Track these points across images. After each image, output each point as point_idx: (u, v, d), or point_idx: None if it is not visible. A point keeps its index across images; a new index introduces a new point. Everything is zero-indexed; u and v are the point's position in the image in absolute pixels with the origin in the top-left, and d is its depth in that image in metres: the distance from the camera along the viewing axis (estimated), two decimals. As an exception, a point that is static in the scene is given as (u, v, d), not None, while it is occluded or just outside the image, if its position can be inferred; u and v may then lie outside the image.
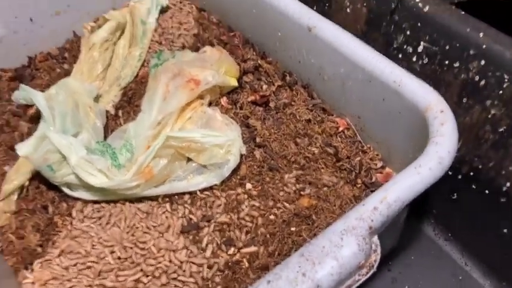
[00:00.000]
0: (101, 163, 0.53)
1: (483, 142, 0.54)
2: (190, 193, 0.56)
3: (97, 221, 0.56)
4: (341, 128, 0.60)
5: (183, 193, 0.56)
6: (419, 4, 0.55)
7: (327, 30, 0.56)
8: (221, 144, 0.55)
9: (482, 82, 0.51)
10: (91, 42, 0.71)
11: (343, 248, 0.38)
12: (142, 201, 0.56)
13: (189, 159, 0.57)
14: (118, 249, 0.52)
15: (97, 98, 0.67)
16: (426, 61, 0.56)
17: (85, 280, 0.51)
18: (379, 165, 0.57)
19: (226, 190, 0.56)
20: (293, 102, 0.63)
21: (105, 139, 0.62)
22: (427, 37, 0.55)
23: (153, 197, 0.56)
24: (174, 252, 0.51)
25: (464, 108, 0.54)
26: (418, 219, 0.68)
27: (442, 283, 0.63)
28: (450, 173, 0.58)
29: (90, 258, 0.52)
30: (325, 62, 0.58)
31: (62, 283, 0.51)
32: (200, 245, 0.52)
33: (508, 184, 0.53)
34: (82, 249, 0.53)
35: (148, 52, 0.73)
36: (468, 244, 0.64)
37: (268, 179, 0.57)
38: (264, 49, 0.69)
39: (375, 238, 0.40)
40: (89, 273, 0.51)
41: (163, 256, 0.51)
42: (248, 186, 0.56)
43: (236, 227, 0.53)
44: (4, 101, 0.70)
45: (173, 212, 0.55)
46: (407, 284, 0.63)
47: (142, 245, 0.52)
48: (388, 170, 0.57)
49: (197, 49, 0.71)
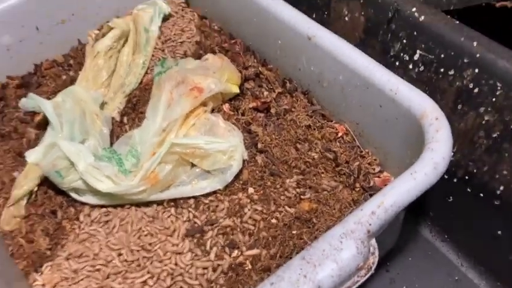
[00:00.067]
0: (108, 169, 0.55)
1: (477, 147, 0.55)
2: (195, 197, 0.57)
3: (104, 225, 0.57)
4: (340, 134, 0.61)
5: (188, 198, 0.57)
6: (415, 14, 0.56)
7: (326, 39, 0.57)
8: (224, 150, 0.56)
9: (476, 89, 0.53)
10: (96, 50, 0.72)
11: (342, 251, 0.40)
12: (148, 205, 0.58)
13: (193, 164, 0.58)
14: (125, 252, 0.54)
15: (102, 105, 0.68)
16: (422, 69, 0.58)
17: (94, 282, 0.52)
18: (377, 169, 0.58)
19: (229, 195, 0.58)
20: (293, 108, 0.64)
21: (111, 145, 0.63)
22: (423, 45, 0.57)
23: (158, 202, 0.58)
24: (179, 255, 0.53)
25: (459, 114, 0.55)
26: (415, 221, 0.70)
27: (439, 283, 0.64)
28: (446, 177, 0.60)
29: (98, 261, 0.54)
30: (324, 70, 0.59)
31: (71, 285, 0.53)
32: (204, 248, 0.54)
33: (502, 187, 0.55)
34: (90, 252, 0.55)
35: (152, 59, 0.74)
36: (464, 245, 0.66)
37: (269, 184, 0.58)
38: (265, 56, 0.71)
39: (373, 241, 0.42)
40: (97, 275, 0.53)
41: (169, 259, 0.53)
42: (250, 190, 0.58)
43: (239, 231, 0.55)
44: (11, 108, 0.72)
45: (178, 216, 0.57)
46: (405, 285, 0.64)
47: (149, 248, 0.54)
48: (386, 175, 0.58)
49: (199, 56, 0.73)
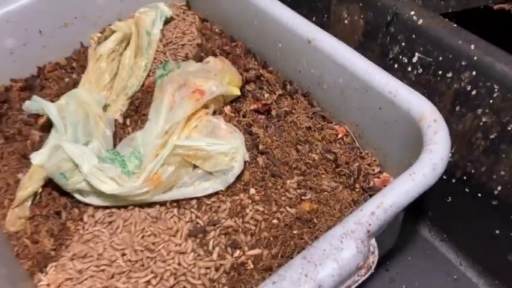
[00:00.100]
0: (112, 171, 0.56)
1: (475, 148, 0.56)
2: (197, 198, 0.58)
3: (108, 226, 0.58)
4: (340, 135, 0.62)
5: (190, 198, 0.58)
6: (414, 17, 0.57)
7: (326, 42, 0.58)
8: (226, 151, 0.57)
9: (473, 92, 0.53)
10: (98, 53, 0.73)
11: (343, 251, 0.40)
12: (151, 206, 0.59)
13: (195, 166, 0.59)
14: (129, 252, 0.55)
15: (105, 107, 0.69)
16: (420, 71, 0.59)
17: (98, 282, 0.53)
18: (376, 170, 0.59)
19: (231, 195, 0.58)
20: (294, 110, 0.65)
21: (114, 147, 0.64)
22: (421, 48, 0.57)
23: (161, 203, 0.59)
24: (182, 255, 0.54)
25: (457, 116, 0.56)
26: (415, 221, 0.71)
27: (438, 282, 0.65)
28: (444, 177, 0.60)
29: (102, 261, 0.55)
30: (324, 72, 0.60)
31: (76, 285, 0.53)
32: (207, 248, 0.54)
33: (499, 188, 0.56)
34: (94, 252, 0.55)
35: (153, 62, 0.75)
36: (462, 245, 0.67)
37: (270, 185, 0.59)
38: (265, 59, 0.72)
39: (373, 241, 0.43)
40: (102, 275, 0.53)
41: (172, 258, 0.54)
42: (252, 191, 0.58)
43: (241, 231, 0.55)
44: (15, 111, 0.73)
45: (180, 217, 0.57)
46: (404, 284, 0.65)
47: (152, 248, 0.55)
48: (385, 175, 0.59)
49: (200, 59, 0.73)
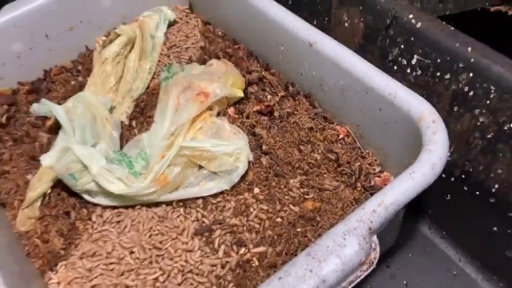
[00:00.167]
0: (119, 172, 0.57)
1: (473, 147, 0.58)
2: (203, 198, 0.60)
3: (116, 225, 0.59)
4: (341, 136, 0.63)
5: (196, 198, 0.60)
6: (412, 20, 0.59)
7: (327, 45, 0.59)
8: (230, 152, 0.59)
9: (471, 93, 0.55)
10: (104, 56, 0.75)
11: (346, 247, 0.42)
12: (158, 206, 0.60)
13: (201, 166, 0.60)
14: (137, 250, 0.56)
15: (111, 110, 0.71)
16: (419, 73, 0.60)
17: (108, 280, 0.55)
18: (377, 169, 0.61)
19: (235, 195, 0.60)
20: (296, 111, 0.67)
21: (121, 148, 0.66)
22: (420, 51, 0.59)
23: (168, 202, 0.60)
24: (189, 252, 0.55)
25: (455, 116, 0.58)
26: (415, 218, 0.72)
27: (438, 278, 0.67)
28: (443, 176, 0.62)
29: (111, 259, 0.56)
30: (325, 75, 0.62)
31: (86, 283, 0.55)
32: (213, 246, 0.56)
33: (497, 186, 0.57)
34: (103, 251, 0.57)
35: (158, 65, 0.76)
36: (461, 241, 0.68)
37: (274, 184, 0.61)
38: (268, 61, 0.73)
39: (374, 237, 0.45)
40: (111, 273, 0.55)
41: (180, 256, 0.55)
42: (256, 190, 0.60)
43: (246, 229, 0.57)
44: (23, 113, 0.74)
45: (187, 216, 0.59)
46: (405, 280, 0.67)
47: (160, 246, 0.56)
48: (386, 174, 0.60)
49: (204, 61, 0.75)
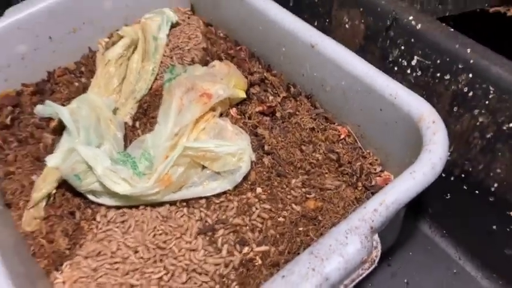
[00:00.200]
0: (124, 172, 0.58)
1: (472, 147, 0.58)
2: (206, 198, 0.60)
3: (120, 225, 0.60)
4: (343, 136, 0.64)
5: (199, 198, 0.61)
6: (412, 22, 0.60)
7: (328, 47, 0.60)
8: (233, 152, 0.60)
9: (470, 93, 0.56)
10: (107, 58, 0.75)
11: (348, 246, 0.43)
12: (161, 206, 0.61)
13: (204, 166, 0.61)
14: (142, 249, 0.57)
15: (115, 111, 0.71)
16: (419, 73, 0.61)
17: (113, 279, 0.55)
18: (378, 169, 0.62)
19: (238, 195, 0.61)
20: (298, 112, 0.67)
21: (125, 149, 0.67)
22: (420, 52, 0.60)
23: (171, 202, 0.61)
24: (193, 252, 0.56)
25: (454, 116, 0.59)
26: (415, 217, 0.73)
27: (438, 276, 0.67)
28: (443, 175, 0.63)
29: (116, 259, 0.57)
30: (327, 76, 0.62)
31: (91, 282, 0.56)
32: (216, 245, 0.57)
33: (496, 185, 0.58)
34: (108, 250, 0.58)
35: (160, 66, 0.77)
36: (461, 240, 0.69)
37: (276, 184, 0.61)
38: (269, 62, 0.74)
39: (376, 236, 0.45)
40: (116, 272, 0.56)
41: (183, 255, 0.56)
42: (258, 190, 0.61)
43: (248, 228, 0.58)
44: (27, 114, 0.75)
45: (190, 216, 0.60)
46: (406, 278, 0.67)
47: (164, 246, 0.57)
48: (386, 174, 0.61)
49: (206, 63, 0.76)
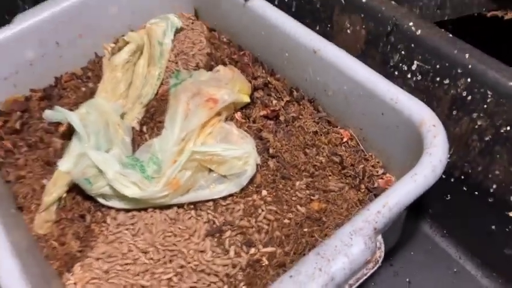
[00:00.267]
0: (134, 176, 0.60)
1: (471, 150, 0.60)
2: (213, 200, 0.62)
3: (130, 227, 0.62)
4: (345, 139, 0.66)
5: (206, 200, 0.62)
6: (412, 28, 0.61)
7: (331, 52, 0.62)
8: (239, 156, 0.61)
9: (469, 97, 0.57)
10: (114, 63, 0.77)
11: (352, 247, 0.44)
12: (169, 208, 0.62)
13: (210, 170, 0.63)
14: (152, 251, 0.58)
15: (122, 115, 0.73)
16: (419, 78, 0.62)
17: (124, 280, 0.57)
18: (380, 171, 0.63)
19: (244, 197, 0.62)
20: (301, 115, 0.69)
21: (133, 153, 0.68)
22: (420, 57, 0.61)
23: (179, 205, 0.62)
24: (201, 253, 0.58)
25: (454, 120, 0.60)
26: (416, 218, 0.74)
27: (439, 275, 0.69)
28: (443, 177, 0.64)
29: (126, 260, 0.58)
30: (329, 81, 0.64)
31: (103, 283, 0.57)
32: (223, 247, 0.58)
33: (494, 186, 0.59)
34: (118, 252, 0.59)
35: (166, 71, 0.79)
36: (461, 240, 0.70)
37: (281, 186, 0.63)
38: (272, 67, 0.75)
39: (379, 237, 0.47)
40: (126, 274, 0.57)
41: (192, 257, 0.57)
42: (264, 193, 0.62)
43: (255, 230, 0.59)
44: (36, 119, 0.76)
45: (198, 218, 0.61)
46: (408, 277, 0.69)
47: (173, 247, 0.58)
48: (388, 176, 0.63)
49: (210, 68, 0.77)
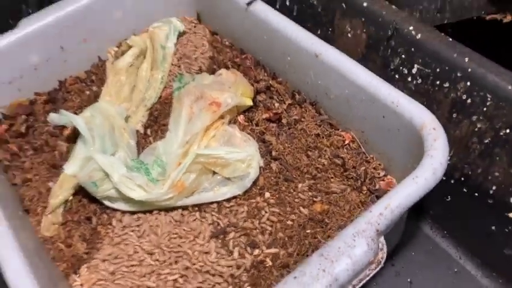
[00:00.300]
0: (139, 179, 0.61)
1: (471, 152, 0.61)
2: (217, 202, 0.63)
3: (136, 229, 0.62)
4: (347, 141, 0.66)
5: (210, 203, 0.63)
6: (412, 32, 0.62)
7: (332, 56, 0.62)
8: (243, 159, 0.62)
9: (468, 100, 0.58)
10: (117, 67, 0.78)
11: (355, 248, 0.45)
12: (174, 210, 0.63)
13: (214, 172, 0.63)
14: (157, 253, 0.59)
15: (127, 119, 0.74)
16: (420, 81, 0.63)
17: (130, 282, 0.58)
18: (382, 173, 0.64)
19: (248, 199, 0.63)
20: (303, 118, 0.70)
21: (137, 156, 0.69)
22: (420, 60, 0.62)
23: (184, 207, 0.63)
24: (206, 254, 0.59)
25: (454, 122, 0.61)
26: (417, 219, 0.75)
27: (439, 275, 0.70)
28: (444, 179, 0.65)
29: (132, 262, 0.59)
30: (331, 84, 0.65)
31: (109, 285, 0.58)
32: (228, 248, 0.59)
33: (494, 187, 0.60)
34: (124, 254, 0.60)
35: (169, 75, 0.79)
36: (462, 240, 0.71)
37: (284, 188, 0.64)
38: (274, 70, 0.76)
39: (381, 238, 0.48)
40: (133, 275, 0.58)
41: (197, 258, 0.58)
42: (267, 195, 0.63)
43: (258, 231, 0.60)
44: (41, 123, 0.77)
45: (202, 220, 0.62)
46: (409, 277, 0.70)
47: (178, 249, 0.59)
48: (390, 178, 0.63)
49: (213, 71, 0.78)
